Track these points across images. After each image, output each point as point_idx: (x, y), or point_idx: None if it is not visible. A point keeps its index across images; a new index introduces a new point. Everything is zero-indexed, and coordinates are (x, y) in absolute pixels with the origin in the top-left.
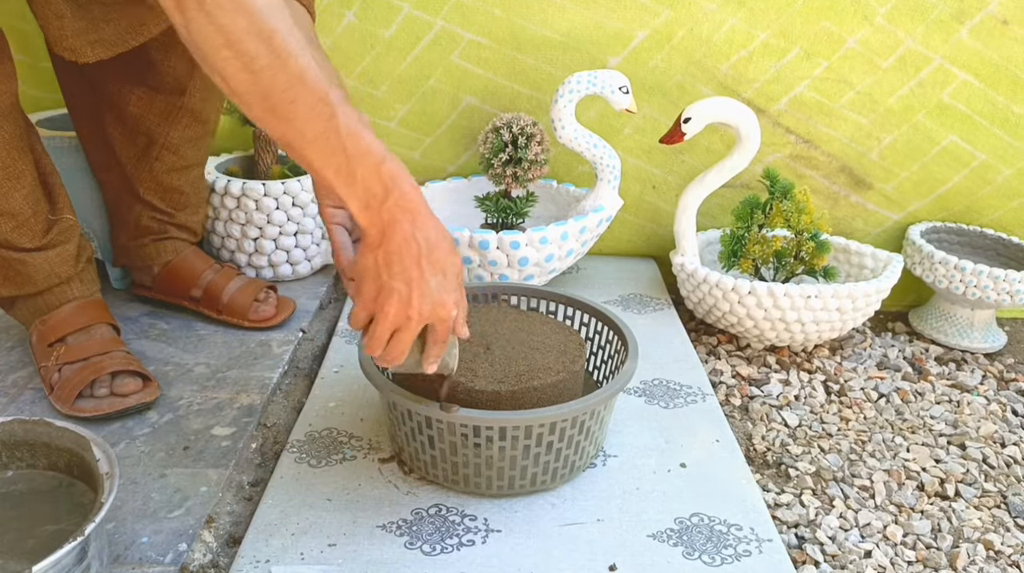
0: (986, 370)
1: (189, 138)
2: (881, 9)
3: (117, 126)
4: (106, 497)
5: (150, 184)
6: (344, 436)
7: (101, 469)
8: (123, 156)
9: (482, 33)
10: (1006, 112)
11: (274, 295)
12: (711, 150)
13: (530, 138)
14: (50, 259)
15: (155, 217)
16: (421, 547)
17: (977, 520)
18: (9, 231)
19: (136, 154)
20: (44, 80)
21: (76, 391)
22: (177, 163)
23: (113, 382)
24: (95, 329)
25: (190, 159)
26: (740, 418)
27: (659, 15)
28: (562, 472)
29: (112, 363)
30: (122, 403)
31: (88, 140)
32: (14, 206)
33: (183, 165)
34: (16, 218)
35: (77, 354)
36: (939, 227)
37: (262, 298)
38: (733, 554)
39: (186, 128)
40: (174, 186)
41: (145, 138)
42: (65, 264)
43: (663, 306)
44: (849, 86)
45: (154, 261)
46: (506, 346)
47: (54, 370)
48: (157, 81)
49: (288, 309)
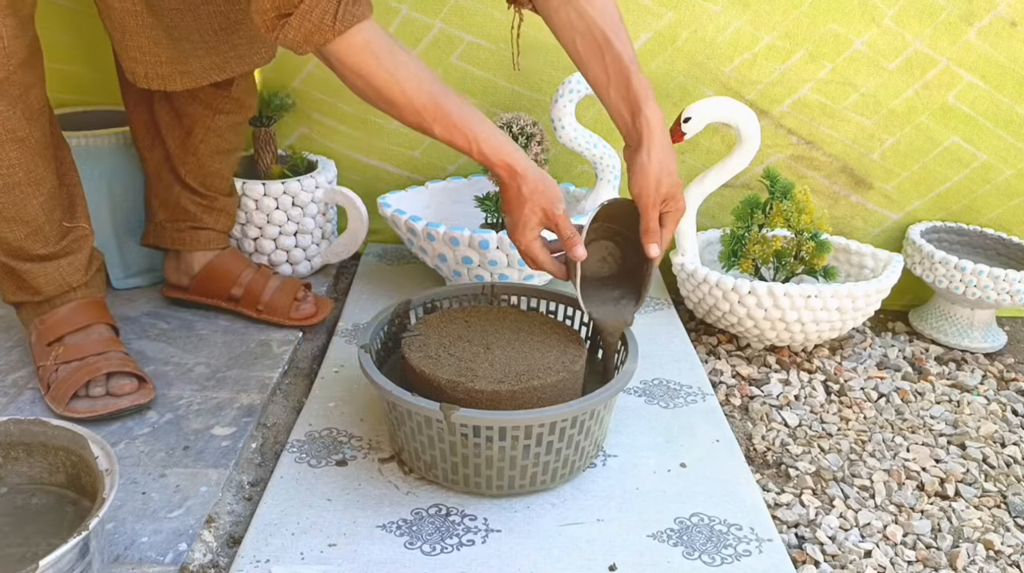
0: (986, 370)
1: (232, 123)
2: (889, 11)
3: (165, 108)
4: (107, 493)
5: (192, 166)
6: (344, 436)
7: (100, 466)
8: (168, 137)
9: (482, 35)
10: (1010, 113)
11: (311, 294)
12: (711, 150)
13: (530, 138)
14: (61, 267)
15: (195, 200)
16: (421, 547)
17: (977, 520)
18: (23, 238)
19: (181, 136)
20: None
21: (71, 391)
22: (221, 146)
23: (109, 383)
24: (93, 329)
25: (232, 143)
26: (740, 418)
27: (663, 17)
28: (562, 472)
29: (108, 364)
30: (116, 404)
31: (136, 118)
32: (30, 213)
33: (226, 148)
34: (30, 225)
35: (74, 354)
36: (939, 227)
37: (301, 297)
38: (733, 554)
39: (230, 114)
40: (215, 169)
41: (190, 121)
42: (76, 273)
43: (663, 306)
44: (854, 88)
45: (191, 249)
46: (506, 346)
47: (52, 370)
48: None
49: (327, 308)
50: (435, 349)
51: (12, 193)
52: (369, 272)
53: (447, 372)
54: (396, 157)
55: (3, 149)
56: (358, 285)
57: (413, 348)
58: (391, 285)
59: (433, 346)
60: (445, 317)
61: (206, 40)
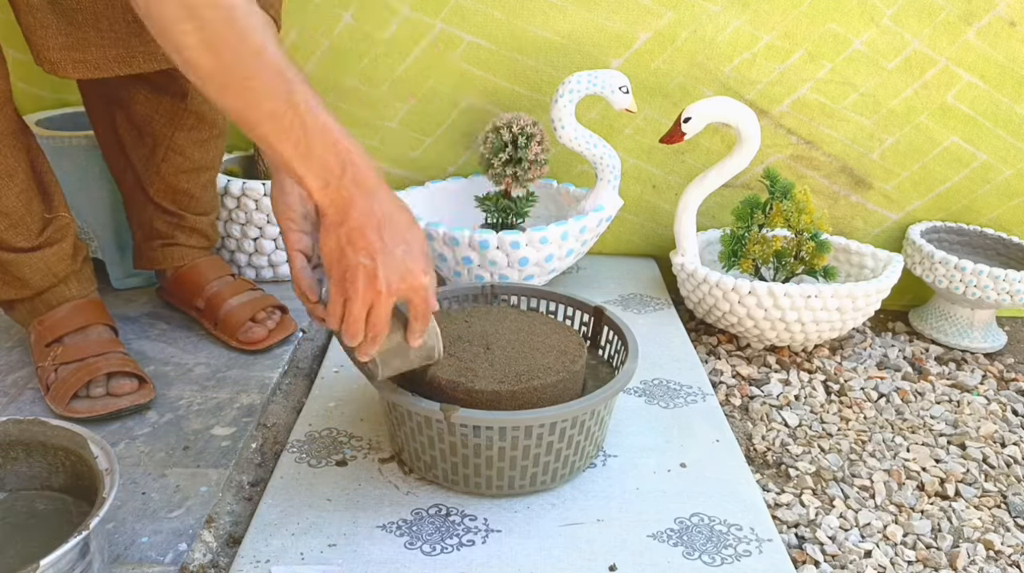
0: (986, 370)
1: (195, 140)
2: (888, 11)
3: (127, 126)
4: (108, 492)
5: (159, 185)
6: (344, 436)
7: (100, 466)
8: (133, 157)
9: (482, 35)
10: (1009, 113)
11: (278, 316)
12: (711, 150)
13: (530, 138)
14: (46, 258)
15: (166, 219)
16: (421, 547)
17: (977, 520)
18: (4, 230)
19: (145, 155)
20: (45, 79)
21: (72, 392)
22: (184, 165)
23: (109, 383)
24: (92, 330)
25: (197, 161)
26: (740, 418)
27: (662, 17)
28: (562, 472)
29: (108, 364)
30: (116, 404)
31: (103, 140)
32: (7, 204)
33: (190, 167)
34: (10, 217)
35: (74, 355)
36: (939, 227)
37: (260, 318)
38: (733, 554)
39: (191, 130)
40: (182, 188)
41: (152, 139)
42: (61, 262)
43: (663, 306)
44: (853, 88)
45: (163, 265)
46: (506, 346)
47: (51, 370)
48: (160, 83)
49: (284, 332)
50: None
51: None
52: None
53: (447, 372)
54: (396, 157)
55: None
56: None
57: None
58: None
59: None
60: (445, 317)
61: (114, 30)
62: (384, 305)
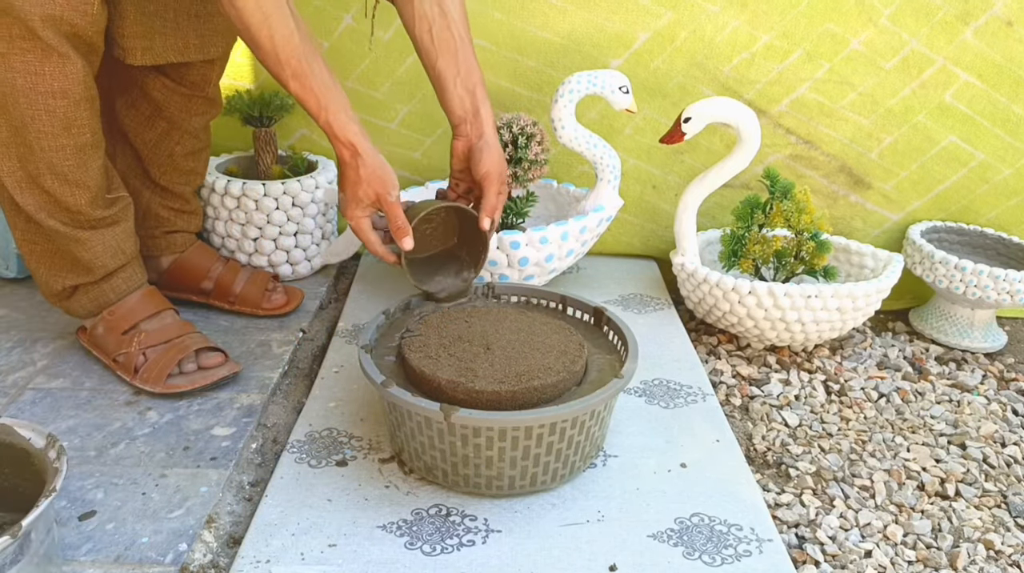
0: (986, 370)
1: (205, 123)
2: (886, 11)
3: (131, 112)
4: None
5: (167, 168)
6: (344, 436)
7: (35, 445)
8: (138, 142)
9: (482, 36)
10: (1007, 112)
11: (280, 285)
12: (711, 150)
13: (530, 138)
14: (116, 235)
15: (167, 205)
16: (421, 547)
17: (977, 520)
18: (85, 203)
19: (154, 139)
20: None
21: (167, 370)
22: (195, 146)
23: (199, 358)
24: (164, 314)
25: (205, 140)
26: (740, 418)
27: (661, 17)
28: (562, 472)
29: (193, 342)
30: (214, 374)
31: None
32: (92, 176)
33: (200, 147)
34: (91, 190)
35: (159, 338)
36: (939, 227)
37: (271, 288)
38: (733, 554)
39: (204, 114)
40: (190, 167)
41: (166, 123)
42: (128, 240)
43: (663, 306)
44: (851, 87)
45: (163, 253)
46: (506, 346)
47: (138, 354)
48: (181, 76)
49: (297, 298)
50: (435, 349)
51: (81, 155)
52: (369, 273)
53: (447, 372)
54: (396, 158)
55: (79, 109)
56: (358, 286)
57: (413, 348)
58: (391, 286)
59: (433, 346)
60: (445, 317)
61: (177, 22)
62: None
